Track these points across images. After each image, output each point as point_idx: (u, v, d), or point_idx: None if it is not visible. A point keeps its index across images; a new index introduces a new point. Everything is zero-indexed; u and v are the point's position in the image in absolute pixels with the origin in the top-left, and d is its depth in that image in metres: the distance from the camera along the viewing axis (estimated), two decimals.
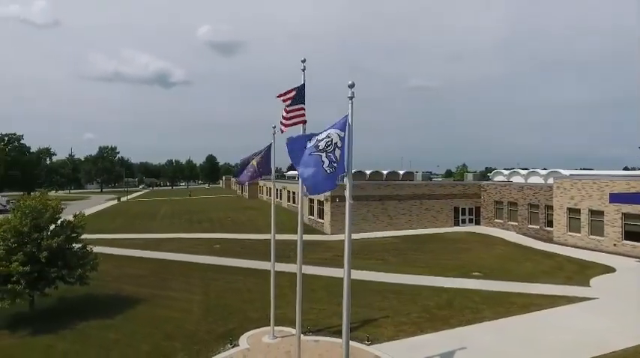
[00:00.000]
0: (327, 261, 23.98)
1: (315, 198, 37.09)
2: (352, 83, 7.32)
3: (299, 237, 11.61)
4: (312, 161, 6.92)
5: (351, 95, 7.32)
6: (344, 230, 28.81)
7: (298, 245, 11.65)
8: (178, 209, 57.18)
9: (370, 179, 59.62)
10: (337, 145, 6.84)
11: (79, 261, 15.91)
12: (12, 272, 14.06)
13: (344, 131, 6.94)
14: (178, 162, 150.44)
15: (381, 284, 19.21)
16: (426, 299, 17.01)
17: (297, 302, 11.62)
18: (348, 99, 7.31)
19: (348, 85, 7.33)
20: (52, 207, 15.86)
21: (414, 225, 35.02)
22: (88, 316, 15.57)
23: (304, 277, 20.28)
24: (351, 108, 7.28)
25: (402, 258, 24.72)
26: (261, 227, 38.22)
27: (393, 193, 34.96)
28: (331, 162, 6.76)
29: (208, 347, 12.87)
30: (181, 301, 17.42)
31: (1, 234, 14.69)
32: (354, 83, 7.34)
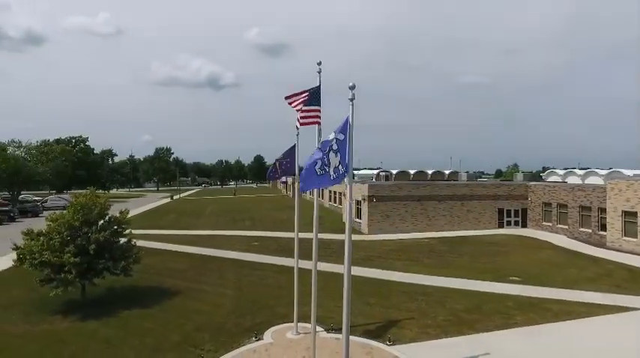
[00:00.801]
0: (359, 261, 23.97)
1: (353, 197, 37.14)
2: (353, 85, 7.46)
3: (314, 235, 11.91)
4: (311, 160, 7.15)
5: (352, 97, 7.46)
6: (382, 230, 29.10)
7: (314, 242, 11.96)
8: (224, 207, 59.49)
9: (414, 179, 58.67)
10: (333, 148, 7.01)
11: (123, 253, 17.23)
12: (65, 262, 15.52)
13: (344, 133, 7.10)
14: (228, 162, 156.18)
15: (411, 286, 18.99)
16: (455, 302, 16.62)
17: (312, 299, 11.92)
18: (348, 100, 7.47)
19: (349, 87, 7.47)
20: (100, 204, 17.29)
21: (455, 227, 34.03)
22: (130, 305, 16.81)
23: (334, 276, 20.69)
24: (352, 110, 7.42)
25: (437, 260, 24.20)
26: (302, 226, 38.86)
27: (432, 193, 34.19)
28: (323, 165, 6.96)
29: (234, 339, 13.48)
30: (214, 295, 18.29)
31: (56, 227, 16.26)
32: (354, 85, 7.48)
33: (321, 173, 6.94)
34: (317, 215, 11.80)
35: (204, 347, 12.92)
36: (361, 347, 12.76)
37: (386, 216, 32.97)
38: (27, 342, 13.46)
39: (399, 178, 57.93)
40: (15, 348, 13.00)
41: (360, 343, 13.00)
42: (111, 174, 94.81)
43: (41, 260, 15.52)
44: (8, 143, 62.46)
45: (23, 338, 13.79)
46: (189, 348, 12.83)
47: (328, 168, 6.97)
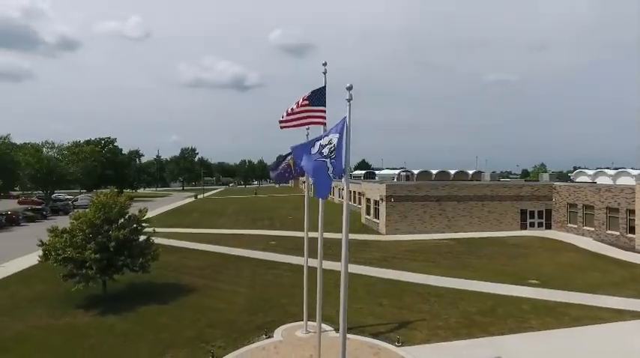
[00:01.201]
0: (374, 261, 23.94)
1: (371, 197, 37.01)
2: (350, 85, 7.51)
3: (319, 234, 12.00)
4: (319, 167, 7.22)
5: (349, 97, 7.51)
6: (400, 230, 28.94)
7: (319, 242, 12.07)
8: (245, 207, 60.35)
9: (436, 179, 57.87)
10: (332, 149, 7.09)
11: (141, 251, 17.81)
12: (86, 259, 16.18)
13: (340, 133, 7.16)
14: (251, 162, 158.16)
15: (426, 287, 18.79)
16: (469, 304, 16.36)
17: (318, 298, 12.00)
18: (346, 101, 7.52)
19: (347, 88, 7.52)
20: (120, 203, 17.92)
21: (475, 228, 33.36)
22: (148, 301, 17.34)
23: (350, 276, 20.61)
24: (349, 110, 7.47)
25: (455, 261, 23.82)
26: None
27: (451, 194, 33.65)
28: (334, 168, 7.05)
29: (245, 336, 13.72)
30: (229, 293, 18.64)
31: (78, 225, 16.97)
32: (352, 86, 7.52)
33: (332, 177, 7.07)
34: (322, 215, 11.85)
35: (215, 343, 13.21)
36: (369, 347, 12.76)
37: (404, 216, 32.68)
38: (50, 335, 14.11)
39: (421, 178, 57.24)
40: (38, 340, 13.66)
41: (369, 343, 13.00)
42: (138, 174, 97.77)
43: (64, 256, 16.24)
44: (42, 144, 65.37)
45: (46, 330, 14.47)
46: (201, 344, 13.14)
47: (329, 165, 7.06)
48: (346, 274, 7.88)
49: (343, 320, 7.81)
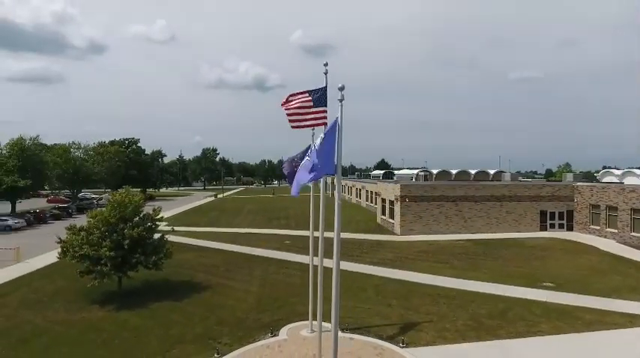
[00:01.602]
0: (386, 262, 23.81)
1: (386, 198, 36.77)
2: (342, 86, 7.56)
3: (320, 233, 12.00)
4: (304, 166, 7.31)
5: (341, 98, 7.55)
6: (415, 230, 28.65)
7: (320, 240, 12.05)
8: (262, 206, 60.92)
9: (456, 179, 56.96)
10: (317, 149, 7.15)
11: (154, 249, 18.29)
12: (101, 256, 16.75)
13: (327, 133, 7.21)
14: (271, 162, 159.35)
15: (437, 288, 18.58)
16: (479, 306, 16.09)
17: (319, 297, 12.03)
18: (338, 101, 7.56)
19: (339, 88, 7.57)
20: (135, 202, 18.44)
21: (492, 229, 32.68)
22: (161, 298, 17.80)
23: (358, 276, 20.68)
24: (341, 111, 7.51)
25: (469, 263, 23.43)
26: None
27: (468, 194, 33.06)
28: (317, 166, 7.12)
29: (251, 334, 13.92)
30: (240, 291, 18.91)
31: (95, 223, 17.58)
32: (343, 86, 7.57)
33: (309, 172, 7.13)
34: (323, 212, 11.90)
35: (222, 340, 13.46)
36: (373, 347, 12.73)
37: (419, 216, 32.32)
38: (66, 329, 14.68)
39: (440, 178, 56.48)
40: (55, 334, 14.23)
41: (373, 344, 12.97)
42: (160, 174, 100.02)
43: (81, 253, 16.86)
44: (69, 145, 67.69)
45: (63, 324, 15.05)
46: (209, 341, 13.41)
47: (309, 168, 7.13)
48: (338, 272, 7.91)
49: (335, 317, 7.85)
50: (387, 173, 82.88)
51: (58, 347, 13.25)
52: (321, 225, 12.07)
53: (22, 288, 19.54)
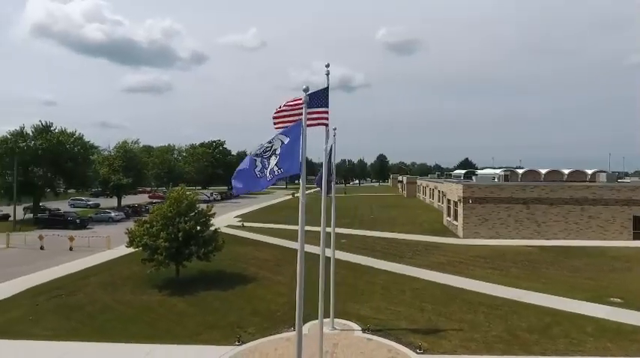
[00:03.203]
0: (436, 265, 22.87)
1: (451, 198, 35.04)
2: (306, 87, 7.73)
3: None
4: (247, 163, 7.61)
5: (305, 99, 7.73)
6: (479, 234, 27.40)
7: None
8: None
9: (545, 179, 51.98)
10: (276, 152, 7.40)
11: (205, 242, 19.96)
12: (158, 246, 18.82)
13: (289, 136, 7.44)
14: (350, 161, 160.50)
15: (481, 296, 17.47)
16: (521, 318, 14.81)
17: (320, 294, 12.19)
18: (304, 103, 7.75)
19: (303, 89, 7.75)
20: (189, 198, 20.33)
21: (571, 235, 29.28)
22: (211, 287, 19.37)
23: (401, 278, 20.23)
24: (304, 113, 7.70)
25: (529, 271, 21.46)
26: (399, 226, 38.36)
27: (541, 196, 30.04)
28: (263, 167, 7.39)
29: (276, 326, 14.61)
30: (281, 285, 19.76)
31: (154, 217, 19.77)
32: (308, 87, 7.74)
33: (260, 175, 7.42)
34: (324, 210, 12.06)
35: (248, 329, 14.35)
36: (387, 350, 12.57)
37: (484, 219, 30.27)
38: (126, 308, 16.83)
39: (527, 178, 51.96)
40: (116, 312, 16.40)
41: (388, 346, 12.79)
42: None
43: (143, 243, 19.12)
44: (166, 147, 76.08)
45: (125, 304, 17.26)
46: (236, 329, 14.38)
47: (266, 170, 7.41)
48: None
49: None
50: (468, 173, 78.26)
51: (115, 322, 15.28)
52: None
53: (104, 272, 22.68)
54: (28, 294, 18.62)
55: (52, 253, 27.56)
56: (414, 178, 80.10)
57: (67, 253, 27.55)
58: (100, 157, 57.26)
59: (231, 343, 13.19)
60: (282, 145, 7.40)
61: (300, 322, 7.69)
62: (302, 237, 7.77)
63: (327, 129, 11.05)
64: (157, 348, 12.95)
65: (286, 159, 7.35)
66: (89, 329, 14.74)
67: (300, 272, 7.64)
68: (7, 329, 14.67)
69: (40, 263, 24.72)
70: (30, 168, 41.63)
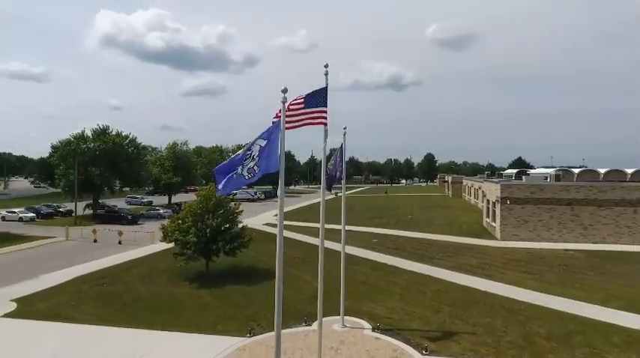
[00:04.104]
0: (465, 267, 22.19)
1: (490, 199, 33.63)
2: (285, 88, 8.01)
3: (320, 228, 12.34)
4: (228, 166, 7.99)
5: (284, 99, 8.03)
6: (518, 236, 26.51)
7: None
8: (372, 204, 61.50)
9: (605, 179, 48.50)
10: (254, 156, 7.75)
11: (232, 238, 20.85)
12: (188, 241, 19.97)
13: (267, 139, 7.76)
14: (397, 160, 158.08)
15: (505, 300, 16.80)
16: (542, 325, 14.11)
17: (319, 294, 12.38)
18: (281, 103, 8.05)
19: (282, 90, 8.04)
20: (217, 196, 21.31)
21: (623, 239, 27.04)
22: (237, 282, 20.21)
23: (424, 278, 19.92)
24: (283, 114, 7.99)
25: (564, 277, 20.20)
26: (435, 226, 37.46)
27: (589, 197, 27.99)
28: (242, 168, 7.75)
29: (289, 322, 15.01)
30: (304, 282, 20.19)
31: (185, 213, 20.96)
32: (286, 88, 8.02)
33: (237, 177, 7.79)
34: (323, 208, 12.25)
35: (261, 323, 14.91)
36: (392, 350, 12.54)
37: (523, 221, 28.77)
38: (157, 298, 18.04)
39: (583, 178, 48.80)
40: (147, 301, 17.63)
41: (394, 346, 12.76)
42: (290, 173, 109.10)
43: (174, 238, 20.37)
44: (214, 148, 79.53)
45: (156, 295, 18.50)
46: (250, 322, 14.99)
47: (244, 170, 7.77)
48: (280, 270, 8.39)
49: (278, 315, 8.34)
50: (520, 172, 74.40)
51: (144, 310, 16.47)
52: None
53: (143, 265, 24.35)
54: (75, 282, 20.50)
55: (103, 246, 29.99)
56: (459, 178, 77.45)
57: (116, 246, 29.83)
58: (153, 158, 61.05)
59: (243, 335, 13.79)
60: (260, 149, 7.76)
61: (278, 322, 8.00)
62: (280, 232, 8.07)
63: (326, 128, 11.23)
64: (173, 335, 13.86)
65: (264, 158, 7.70)
66: (120, 315, 16.02)
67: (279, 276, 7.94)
68: (52, 312, 16.31)
69: (91, 254, 27.03)
70: (89, 168, 45.36)
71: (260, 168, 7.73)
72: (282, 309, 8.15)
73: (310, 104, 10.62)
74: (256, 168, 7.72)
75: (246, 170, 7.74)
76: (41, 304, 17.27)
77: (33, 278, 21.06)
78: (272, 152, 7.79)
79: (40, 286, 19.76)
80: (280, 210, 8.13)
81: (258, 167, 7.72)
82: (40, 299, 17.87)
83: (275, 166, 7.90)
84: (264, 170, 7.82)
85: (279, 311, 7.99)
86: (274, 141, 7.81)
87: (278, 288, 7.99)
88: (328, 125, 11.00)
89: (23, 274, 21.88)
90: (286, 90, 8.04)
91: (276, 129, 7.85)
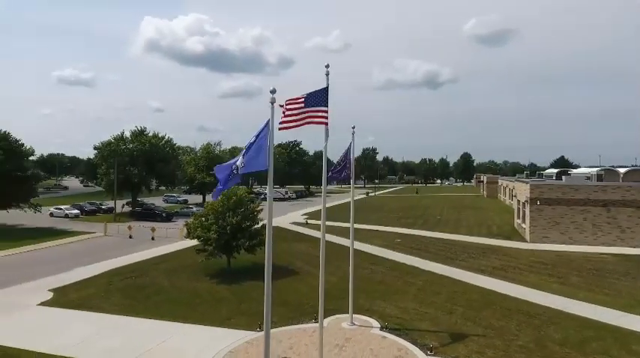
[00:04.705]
0: (487, 269, 21.63)
1: (521, 199, 32.41)
2: (273, 89, 8.27)
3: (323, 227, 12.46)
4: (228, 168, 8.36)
5: (272, 100, 8.29)
6: (549, 239, 25.70)
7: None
8: (402, 205, 60.69)
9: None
10: (242, 152, 8.06)
11: (250, 236, 21.43)
12: (209, 238, 20.74)
13: (256, 136, 8.05)
14: (431, 160, 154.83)
15: (522, 303, 16.29)
16: (558, 330, 13.60)
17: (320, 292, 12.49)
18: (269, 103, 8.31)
19: (270, 91, 8.31)
20: (238, 195, 21.98)
21: None
22: (255, 278, 20.66)
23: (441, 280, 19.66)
24: (272, 113, 8.26)
25: (592, 281, 19.24)
26: (463, 227, 36.60)
27: (626, 198, 26.36)
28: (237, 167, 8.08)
29: (299, 318, 15.33)
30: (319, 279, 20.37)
31: (207, 211, 21.77)
32: (275, 89, 8.27)
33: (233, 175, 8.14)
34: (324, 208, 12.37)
35: (273, 318, 15.11)
36: (397, 349, 12.54)
37: (554, 223, 27.54)
38: (178, 292, 18.87)
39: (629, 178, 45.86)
40: (169, 294, 18.49)
41: (399, 345, 12.75)
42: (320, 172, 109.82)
43: (196, 234, 21.21)
44: None
45: (178, 289, 19.36)
46: (262, 317, 15.33)
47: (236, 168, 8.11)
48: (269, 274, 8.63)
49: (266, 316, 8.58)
50: (560, 172, 70.92)
51: (165, 303, 17.29)
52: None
53: (171, 260, 25.45)
54: (107, 275, 21.80)
55: (137, 242, 31.62)
56: (495, 178, 74.86)
57: (149, 242, 31.35)
58: (188, 158, 63.36)
59: (253, 329, 14.22)
60: (248, 145, 8.09)
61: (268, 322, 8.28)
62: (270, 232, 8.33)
63: (327, 128, 11.40)
64: (187, 327, 14.52)
65: (251, 156, 8.00)
66: (143, 306, 16.93)
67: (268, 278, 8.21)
68: (83, 302, 17.47)
69: (125, 249, 28.57)
70: (127, 168, 47.84)
71: (245, 164, 8.04)
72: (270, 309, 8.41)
73: (310, 103, 10.82)
74: (243, 163, 8.03)
75: (236, 166, 8.08)
76: (74, 294, 18.54)
77: (70, 271, 22.60)
78: (260, 150, 8.09)
79: (75, 278, 21.19)
80: (270, 209, 8.41)
81: (244, 164, 8.03)
82: (74, 290, 19.19)
83: (264, 165, 8.20)
84: (252, 167, 8.13)
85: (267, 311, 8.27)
86: (262, 138, 8.10)
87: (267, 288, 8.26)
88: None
89: (63, 266, 23.53)
90: (274, 91, 8.31)
91: (266, 128, 8.14)
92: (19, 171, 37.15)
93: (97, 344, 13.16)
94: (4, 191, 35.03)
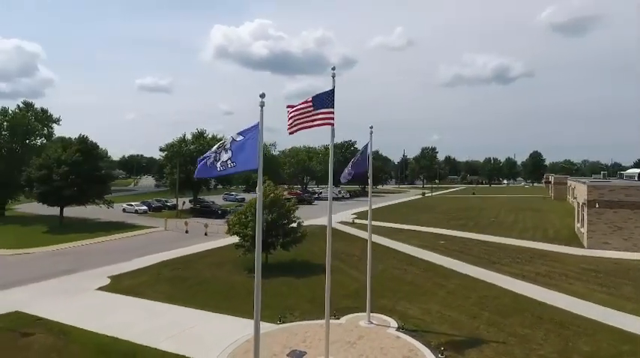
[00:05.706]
0: (529, 275, 20.46)
1: (580, 201, 29.90)
2: (262, 93, 8.80)
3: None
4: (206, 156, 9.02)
5: (261, 104, 8.82)
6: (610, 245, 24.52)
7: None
8: (456, 206, 58.39)
9: None
10: (225, 147, 8.63)
11: (285, 233, 22.29)
12: (247, 234, 21.91)
13: (245, 136, 8.62)
14: (496, 159, 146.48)
15: (555, 311, 15.38)
16: (589, 342, 12.70)
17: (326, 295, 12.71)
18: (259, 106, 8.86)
19: (260, 95, 8.84)
20: (274, 193, 22.94)
21: None
22: (290, 273, 21.51)
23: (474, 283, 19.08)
24: (261, 115, 8.80)
25: None
26: (516, 231, 34.62)
27: None
28: (214, 160, 8.67)
29: (319, 314, 15.70)
30: (350, 278, 20.69)
31: (246, 209, 22.97)
32: (264, 93, 8.79)
33: (211, 166, 8.76)
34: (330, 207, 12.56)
35: (294, 313, 15.90)
36: (408, 350, 12.54)
37: (616, 227, 25.11)
38: (217, 284, 20.20)
39: None
40: (209, 285, 19.84)
41: (411, 346, 12.75)
42: (378, 172, 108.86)
43: (235, 231, 22.50)
44: (302, 148, 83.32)
45: (218, 280, 20.72)
46: (285, 311, 16.07)
47: (217, 162, 8.70)
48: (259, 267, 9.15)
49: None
50: None
51: (203, 293, 18.62)
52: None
53: (215, 254, 27.12)
54: (158, 266, 23.86)
55: (192, 236, 34.02)
56: (563, 178, 69.19)
57: (202, 237, 33.58)
58: None
59: (274, 322, 14.92)
60: (232, 141, 8.69)
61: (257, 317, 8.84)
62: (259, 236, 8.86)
63: (333, 129, 11.69)
64: (216, 316, 15.63)
65: (240, 155, 8.61)
66: (183, 295, 18.41)
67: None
68: (134, 289, 19.38)
69: (179, 243, 30.93)
70: (189, 168, 51.37)
71: (236, 164, 8.64)
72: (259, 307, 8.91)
73: (318, 105, 11.21)
74: (231, 162, 8.63)
75: (220, 163, 8.70)
76: (127, 281, 20.62)
77: (129, 261, 25.05)
78: (249, 150, 8.66)
79: (131, 267, 23.47)
80: (259, 208, 8.95)
81: (234, 162, 8.63)
82: (128, 278, 21.32)
83: (254, 164, 8.78)
84: (242, 166, 8.74)
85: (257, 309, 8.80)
86: (251, 139, 8.66)
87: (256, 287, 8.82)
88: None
89: (124, 256, 26.14)
90: (264, 95, 8.86)
91: (255, 129, 8.71)
92: (95, 171, 41.59)
93: (136, 327, 14.66)
94: (82, 189, 39.43)
